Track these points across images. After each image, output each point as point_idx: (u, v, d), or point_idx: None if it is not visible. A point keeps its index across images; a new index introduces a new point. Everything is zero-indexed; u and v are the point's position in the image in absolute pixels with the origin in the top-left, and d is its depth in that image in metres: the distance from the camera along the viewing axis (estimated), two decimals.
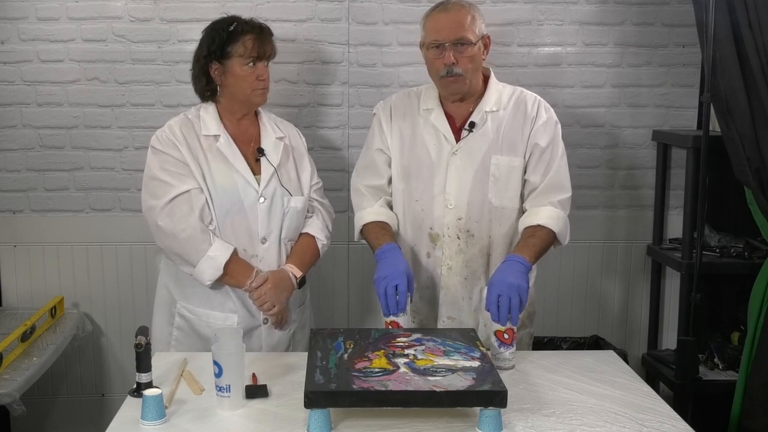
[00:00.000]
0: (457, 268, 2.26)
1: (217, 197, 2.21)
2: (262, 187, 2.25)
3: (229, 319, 2.25)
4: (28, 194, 3.03)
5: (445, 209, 2.23)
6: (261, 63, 2.25)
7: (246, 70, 2.23)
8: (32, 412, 2.83)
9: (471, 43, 2.13)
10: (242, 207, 2.23)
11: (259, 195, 2.24)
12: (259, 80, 2.24)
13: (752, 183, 2.48)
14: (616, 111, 3.11)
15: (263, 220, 2.25)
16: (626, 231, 3.19)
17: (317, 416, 1.64)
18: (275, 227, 2.27)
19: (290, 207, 2.29)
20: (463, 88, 2.19)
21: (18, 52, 2.92)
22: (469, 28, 2.14)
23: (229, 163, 2.24)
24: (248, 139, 2.30)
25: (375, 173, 2.30)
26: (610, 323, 3.24)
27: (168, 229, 2.18)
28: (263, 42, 2.25)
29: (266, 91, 2.29)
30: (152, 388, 1.74)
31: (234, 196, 2.22)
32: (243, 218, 2.23)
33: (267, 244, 2.26)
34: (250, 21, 2.28)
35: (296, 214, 2.31)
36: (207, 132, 2.26)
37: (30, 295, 3.06)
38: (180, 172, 2.21)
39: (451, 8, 2.17)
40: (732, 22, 2.45)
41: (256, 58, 2.23)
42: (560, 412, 1.78)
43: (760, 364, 2.48)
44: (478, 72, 2.21)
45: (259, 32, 2.25)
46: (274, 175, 2.27)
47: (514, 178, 2.22)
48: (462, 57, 2.14)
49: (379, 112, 2.32)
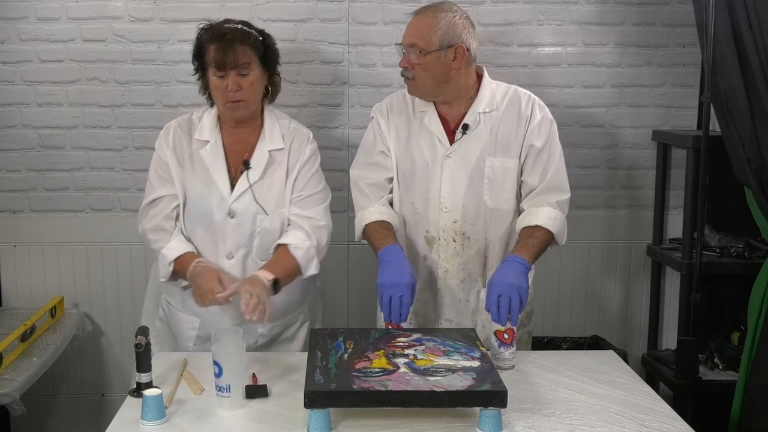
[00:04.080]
0: (454, 271, 2.26)
1: (189, 205, 2.18)
2: (231, 201, 2.16)
3: (192, 323, 2.24)
4: (28, 194, 3.03)
5: (441, 212, 2.23)
6: (231, 73, 2.08)
7: (217, 81, 2.10)
8: (32, 412, 2.83)
9: (424, 52, 2.09)
10: (211, 220, 2.16)
11: (228, 210, 2.16)
12: (228, 92, 2.09)
13: (752, 183, 2.48)
14: (616, 111, 3.11)
15: (231, 236, 2.17)
16: (626, 231, 3.19)
17: (317, 416, 1.64)
18: (243, 245, 2.18)
19: (261, 227, 2.18)
20: (416, 92, 2.19)
21: (18, 52, 2.92)
22: (426, 35, 2.09)
23: (208, 172, 2.18)
24: (244, 149, 2.21)
25: (377, 171, 2.29)
26: (610, 323, 3.24)
27: (141, 231, 2.22)
28: (228, 51, 2.06)
29: (243, 104, 2.13)
30: (152, 388, 1.74)
31: (205, 207, 2.16)
32: (211, 231, 2.17)
33: (233, 260, 2.18)
34: (220, 28, 2.11)
35: (268, 234, 2.19)
36: (200, 136, 2.20)
37: (30, 295, 3.06)
38: (162, 176, 2.20)
39: (422, 13, 2.14)
40: (732, 22, 2.45)
41: (219, 68, 2.08)
42: (560, 412, 1.78)
43: (760, 364, 2.48)
44: (436, 80, 2.14)
45: (223, 40, 2.07)
46: (248, 191, 2.16)
47: (509, 179, 2.21)
48: (414, 63, 2.12)
49: (376, 114, 2.31)
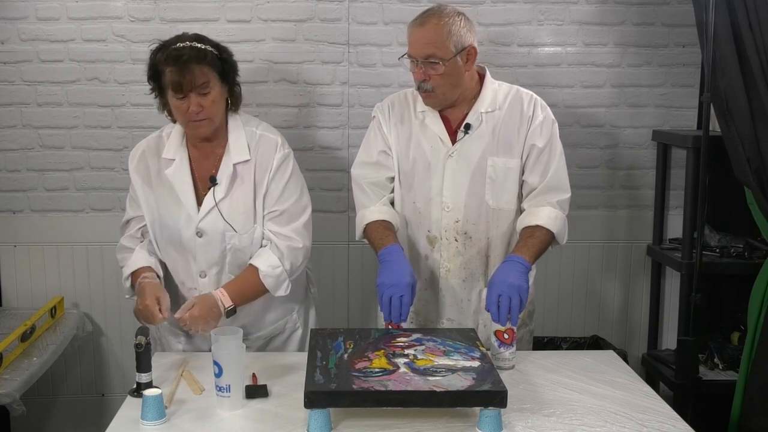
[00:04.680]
0: (456, 270, 2.26)
1: (159, 226, 2.17)
2: (198, 220, 2.12)
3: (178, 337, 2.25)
4: (28, 194, 3.03)
5: (443, 212, 2.23)
6: (191, 94, 2.01)
7: (177, 102, 2.04)
8: (32, 412, 2.83)
9: (442, 60, 2.08)
10: (180, 240, 2.14)
11: (196, 229, 2.13)
12: (189, 113, 2.03)
13: (752, 183, 2.48)
14: (616, 111, 3.11)
15: (201, 255, 2.14)
16: (626, 231, 3.19)
17: (317, 416, 1.64)
18: (214, 263, 2.15)
19: (231, 244, 2.13)
20: (435, 103, 2.18)
21: (18, 52, 2.92)
22: (441, 44, 2.07)
23: (174, 192, 2.13)
24: (212, 163, 2.15)
25: (378, 170, 2.28)
26: (610, 323, 3.24)
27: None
28: (184, 73, 1.99)
29: (206, 122, 2.06)
30: (152, 388, 1.75)
31: (173, 227, 2.14)
32: (181, 251, 2.16)
33: (206, 278, 2.17)
34: (174, 50, 2.02)
35: (239, 252, 2.15)
36: (166, 155, 2.16)
37: (30, 295, 3.06)
38: (132, 196, 2.22)
39: (427, 22, 2.09)
40: (732, 22, 2.45)
41: (176, 91, 2.01)
42: (560, 412, 1.78)
43: (760, 364, 2.48)
44: (455, 86, 2.15)
45: (179, 63, 1.99)
46: (214, 209, 2.11)
47: (511, 179, 2.21)
48: (433, 74, 2.10)
49: (378, 113, 2.31)
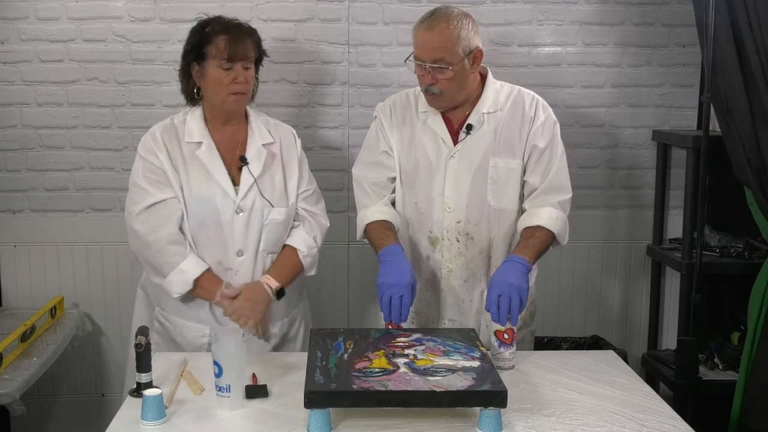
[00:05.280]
0: (458, 271, 2.26)
1: (193, 207, 2.15)
2: (239, 198, 2.16)
3: (201, 331, 2.21)
4: (28, 194, 3.03)
5: (444, 212, 2.23)
6: (238, 65, 2.12)
7: (220, 73, 2.12)
8: (32, 412, 2.83)
9: (451, 65, 2.08)
10: (218, 219, 2.15)
11: (236, 207, 2.16)
12: (234, 83, 2.12)
13: (752, 183, 2.48)
14: (616, 111, 3.11)
15: (240, 232, 2.17)
16: (626, 231, 3.19)
17: (317, 416, 1.64)
18: (253, 240, 2.18)
19: (270, 219, 2.19)
20: (442, 105, 2.18)
21: (18, 52, 2.92)
22: (451, 49, 2.07)
23: (208, 172, 2.16)
24: (234, 146, 2.21)
25: (379, 170, 2.28)
26: (610, 323, 3.24)
27: (141, 236, 2.14)
28: (238, 42, 2.11)
29: (245, 97, 2.17)
30: (152, 388, 1.74)
31: (210, 207, 2.15)
32: (218, 230, 2.16)
33: (243, 257, 2.18)
34: (228, 21, 2.16)
35: (276, 226, 2.21)
36: (190, 138, 2.18)
37: (30, 295, 3.06)
38: (158, 180, 2.16)
39: (436, 26, 2.08)
40: (732, 22, 2.45)
41: (229, 59, 2.10)
42: (560, 412, 1.78)
43: (760, 364, 2.48)
44: (462, 88, 2.15)
45: (234, 32, 2.13)
46: (254, 186, 2.18)
47: (513, 180, 2.21)
48: (441, 78, 2.10)
49: (379, 114, 2.31)
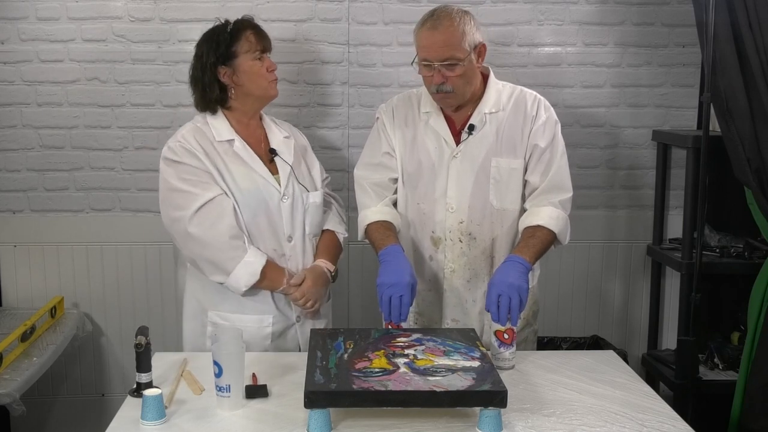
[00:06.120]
0: (460, 271, 2.25)
1: (243, 200, 2.21)
2: (283, 186, 2.27)
3: (264, 321, 2.25)
4: (28, 194, 3.03)
5: (447, 213, 2.23)
6: (266, 55, 2.29)
7: (257, 65, 2.25)
8: (32, 412, 2.83)
9: (461, 61, 2.08)
10: (267, 207, 2.24)
11: (281, 194, 2.26)
12: (269, 71, 2.28)
13: (752, 183, 2.48)
14: (616, 111, 3.11)
15: (288, 218, 2.27)
16: (626, 231, 3.19)
17: (317, 416, 1.64)
18: (299, 224, 2.30)
19: (310, 203, 2.32)
20: (454, 102, 2.18)
21: (18, 52, 2.92)
22: (458, 45, 2.07)
23: (248, 165, 2.24)
24: (258, 141, 2.32)
25: (381, 171, 2.29)
26: (610, 323, 3.24)
27: (199, 238, 2.15)
28: (263, 35, 2.30)
29: (277, 83, 2.32)
30: (152, 388, 1.74)
31: (258, 197, 2.23)
32: (269, 219, 2.24)
33: (293, 242, 2.28)
34: (242, 19, 2.32)
35: (316, 209, 2.34)
36: (221, 138, 2.24)
37: (30, 295, 3.06)
38: (202, 180, 2.18)
39: (440, 24, 2.08)
40: (732, 22, 2.45)
41: (261, 50, 2.27)
42: (560, 412, 1.78)
43: (760, 364, 2.48)
44: (471, 83, 2.16)
45: (255, 26, 2.30)
46: (291, 173, 2.29)
47: (515, 180, 2.21)
48: (452, 76, 2.10)
49: (381, 115, 2.31)
